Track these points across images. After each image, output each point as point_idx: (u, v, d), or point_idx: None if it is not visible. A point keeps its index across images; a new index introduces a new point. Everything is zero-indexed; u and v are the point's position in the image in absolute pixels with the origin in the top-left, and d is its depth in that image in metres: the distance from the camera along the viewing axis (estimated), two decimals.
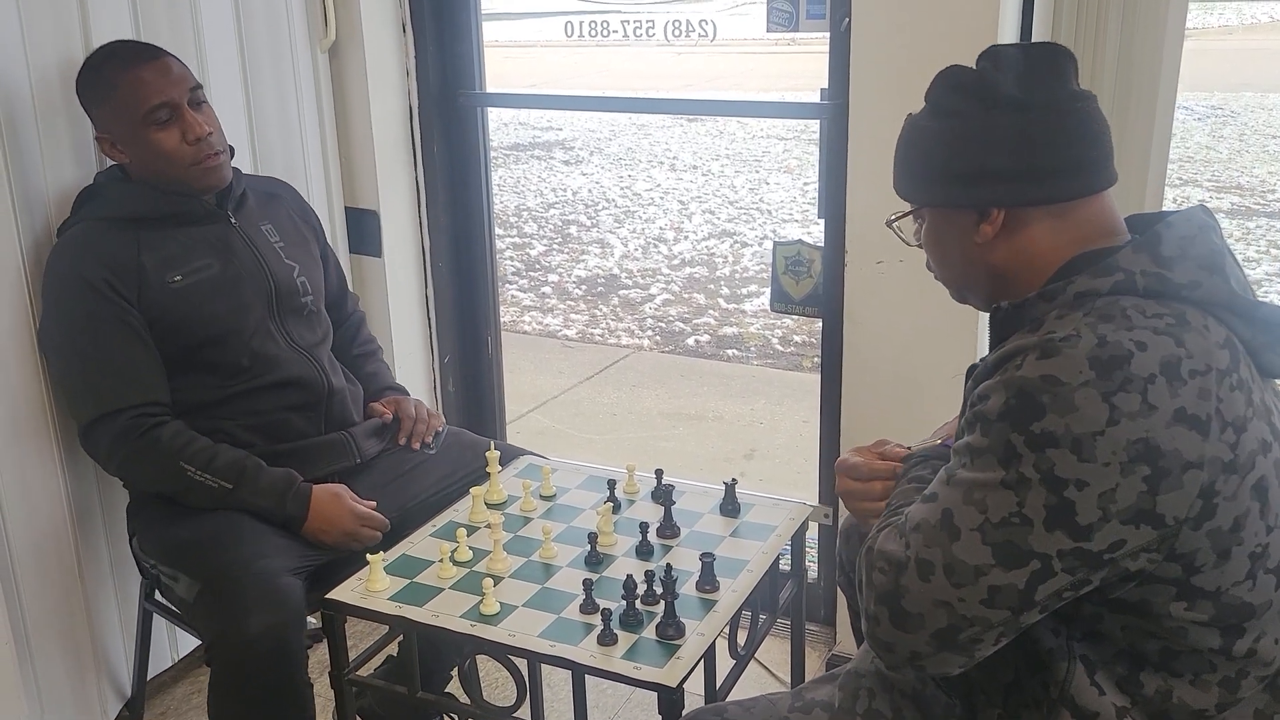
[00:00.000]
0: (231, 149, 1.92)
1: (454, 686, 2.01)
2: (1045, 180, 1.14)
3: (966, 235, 1.19)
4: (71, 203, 1.89)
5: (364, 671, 1.71)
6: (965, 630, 1.06)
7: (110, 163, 1.92)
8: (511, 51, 10.25)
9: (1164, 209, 1.48)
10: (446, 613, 1.55)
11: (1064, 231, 1.16)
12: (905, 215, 1.30)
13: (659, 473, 1.87)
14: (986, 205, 1.16)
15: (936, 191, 1.21)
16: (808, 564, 2.25)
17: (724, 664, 1.61)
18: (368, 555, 1.63)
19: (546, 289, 6.37)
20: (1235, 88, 10.72)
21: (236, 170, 1.95)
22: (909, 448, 1.37)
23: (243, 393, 1.88)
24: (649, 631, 1.48)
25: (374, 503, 1.88)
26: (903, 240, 1.33)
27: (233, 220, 1.93)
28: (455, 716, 1.83)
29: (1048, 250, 1.16)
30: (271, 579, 1.69)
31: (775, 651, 2.26)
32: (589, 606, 1.53)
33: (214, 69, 2.15)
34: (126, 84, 1.79)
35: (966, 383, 1.20)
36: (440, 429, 2.11)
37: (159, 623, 2.10)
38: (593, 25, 2.68)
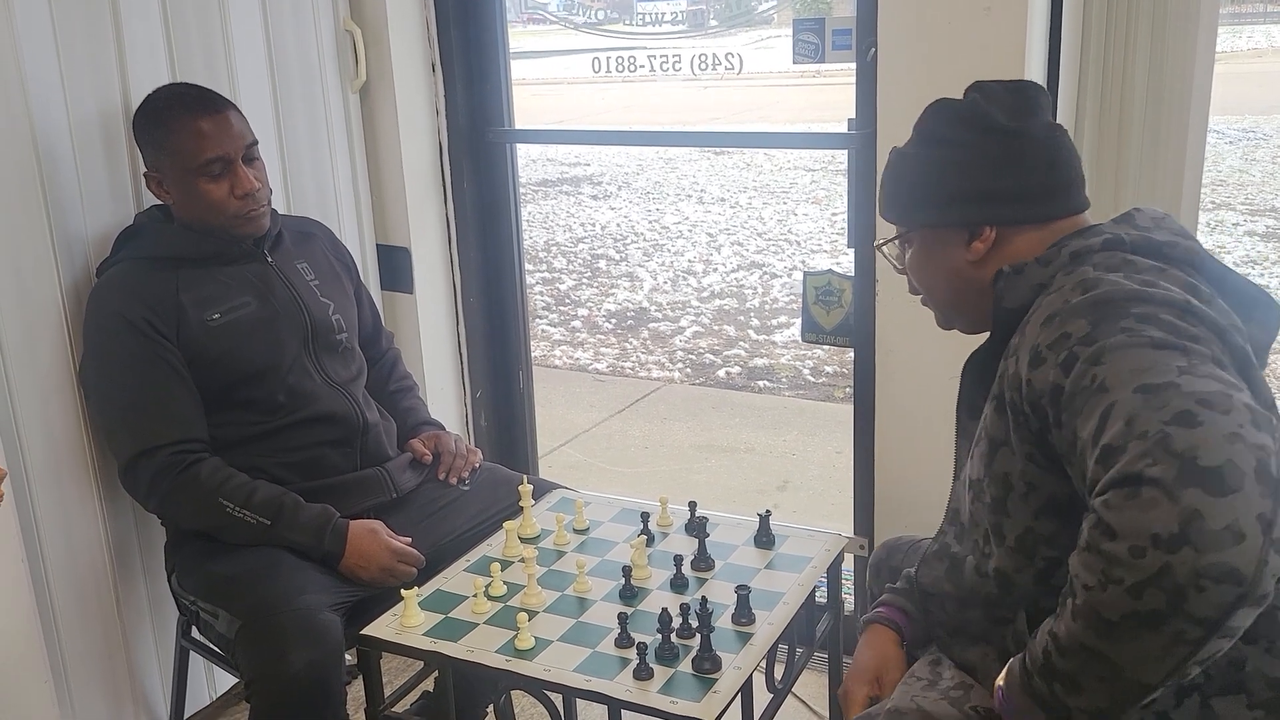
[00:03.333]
0: (269, 191, 1.95)
1: None
2: (1034, 200, 1.25)
3: (958, 253, 1.28)
4: (110, 243, 1.92)
5: (399, 708, 1.71)
6: (1271, 459, 0.93)
7: (149, 202, 1.96)
8: (539, 88, 10.33)
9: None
10: (481, 648, 1.55)
11: (1046, 242, 1.24)
12: (895, 239, 1.38)
13: (693, 505, 1.86)
14: (980, 224, 1.26)
15: (931, 214, 1.30)
16: (844, 596, 2.23)
17: (761, 698, 1.60)
18: (402, 591, 1.63)
19: (576, 323, 6.39)
20: (1267, 110, 10.63)
21: (273, 211, 1.97)
22: None
23: (279, 429, 1.90)
24: (685, 665, 1.47)
25: (409, 538, 1.88)
26: (891, 264, 1.40)
27: (269, 259, 1.95)
28: None
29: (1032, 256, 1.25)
30: (312, 615, 1.69)
31: (813, 685, 2.24)
32: (624, 640, 1.52)
33: (248, 111, 2.17)
34: (185, 133, 1.82)
35: (964, 377, 1.29)
36: (478, 464, 2.12)
37: (196, 660, 2.10)
38: (619, 61, 2.70)
